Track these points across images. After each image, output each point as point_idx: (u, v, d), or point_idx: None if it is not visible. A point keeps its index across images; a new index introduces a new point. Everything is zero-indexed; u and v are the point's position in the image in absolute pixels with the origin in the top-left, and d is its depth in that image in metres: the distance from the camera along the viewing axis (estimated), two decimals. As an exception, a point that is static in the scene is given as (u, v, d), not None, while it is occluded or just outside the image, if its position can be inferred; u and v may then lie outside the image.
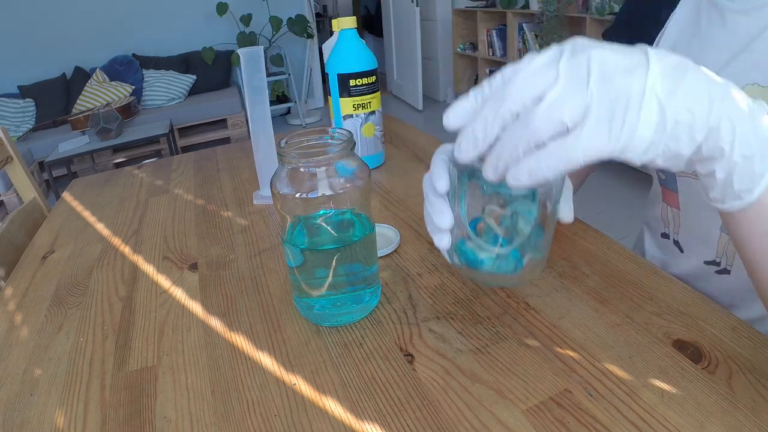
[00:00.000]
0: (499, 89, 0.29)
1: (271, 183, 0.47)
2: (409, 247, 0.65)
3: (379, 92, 0.89)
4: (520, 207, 0.33)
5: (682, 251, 0.63)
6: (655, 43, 0.60)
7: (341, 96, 0.86)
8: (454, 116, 0.32)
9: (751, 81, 0.50)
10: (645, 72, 0.27)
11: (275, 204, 0.48)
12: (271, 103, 4.34)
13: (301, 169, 0.46)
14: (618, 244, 0.61)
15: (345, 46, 0.85)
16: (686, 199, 0.60)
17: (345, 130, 0.47)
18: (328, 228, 0.50)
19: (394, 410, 0.41)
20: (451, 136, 0.31)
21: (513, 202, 0.33)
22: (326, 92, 0.84)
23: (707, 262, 0.58)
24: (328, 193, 0.46)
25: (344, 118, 0.88)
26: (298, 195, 0.45)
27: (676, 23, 0.58)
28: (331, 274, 0.50)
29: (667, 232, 0.67)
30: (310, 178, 0.45)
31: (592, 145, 0.27)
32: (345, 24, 0.84)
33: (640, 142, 0.28)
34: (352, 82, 0.85)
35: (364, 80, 0.85)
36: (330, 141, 0.48)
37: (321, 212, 0.48)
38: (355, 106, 0.87)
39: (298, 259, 0.50)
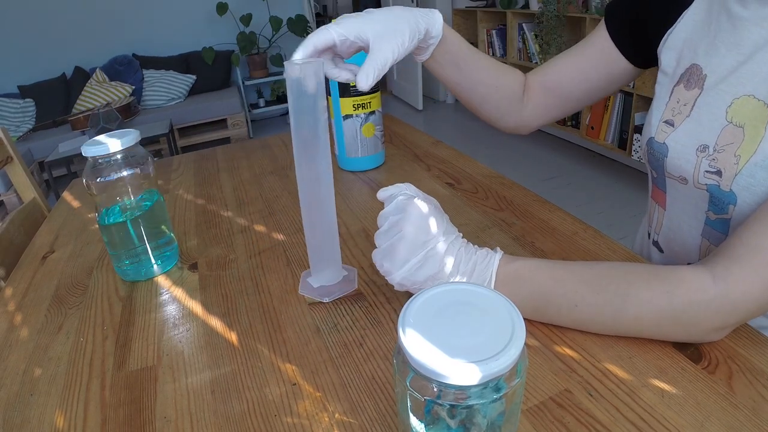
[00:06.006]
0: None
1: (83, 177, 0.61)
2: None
3: (379, 92, 0.89)
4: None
5: (661, 251, 0.63)
6: (663, 39, 0.59)
7: (341, 96, 0.86)
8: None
9: (749, 92, 0.49)
10: None
11: (90, 193, 0.61)
12: (271, 103, 4.34)
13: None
14: (618, 244, 0.61)
15: (345, 46, 0.84)
16: (672, 200, 0.60)
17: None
18: (127, 203, 0.63)
19: (394, 410, 0.41)
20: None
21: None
22: (326, 92, 0.83)
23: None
24: (125, 175, 0.61)
25: (344, 118, 0.88)
26: (99, 180, 0.60)
27: (688, 22, 0.57)
28: (135, 238, 0.63)
29: (650, 231, 0.67)
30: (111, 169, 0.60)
31: None
32: (345, 24, 0.84)
33: None
34: (351, 82, 0.85)
35: (364, 80, 0.85)
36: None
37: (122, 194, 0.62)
38: (355, 106, 0.87)
39: (111, 233, 0.63)
